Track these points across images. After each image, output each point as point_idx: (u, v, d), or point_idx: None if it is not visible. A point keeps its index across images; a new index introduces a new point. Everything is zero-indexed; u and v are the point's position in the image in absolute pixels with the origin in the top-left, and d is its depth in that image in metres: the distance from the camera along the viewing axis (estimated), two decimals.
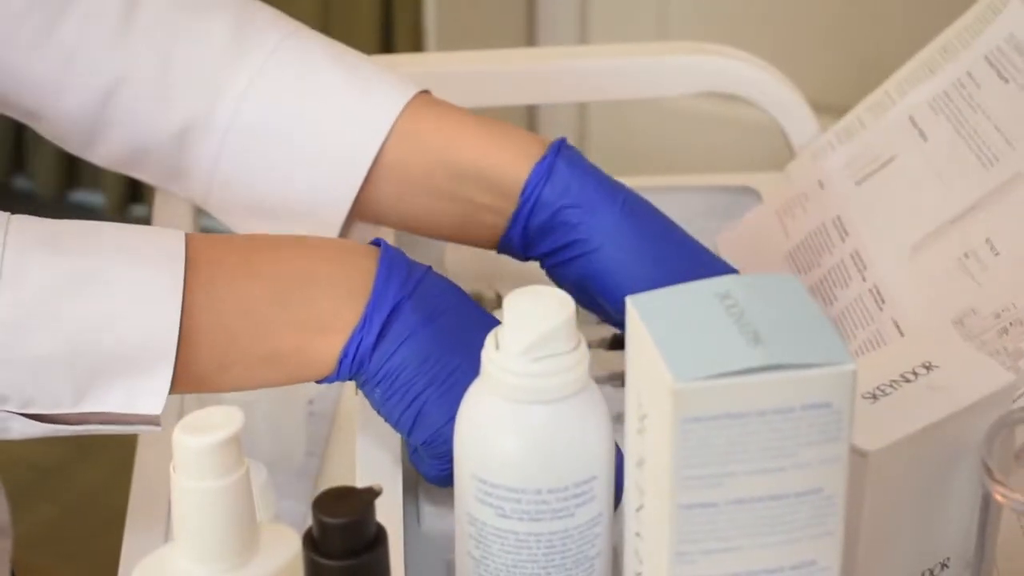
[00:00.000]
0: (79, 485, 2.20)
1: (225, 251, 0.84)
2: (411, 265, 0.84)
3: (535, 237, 0.92)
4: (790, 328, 0.65)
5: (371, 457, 0.86)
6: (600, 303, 0.92)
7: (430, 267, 0.85)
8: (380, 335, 0.82)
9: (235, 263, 0.83)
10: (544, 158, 0.92)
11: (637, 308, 0.66)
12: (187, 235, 0.83)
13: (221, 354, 0.82)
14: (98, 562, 1.31)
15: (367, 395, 0.84)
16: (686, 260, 0.92)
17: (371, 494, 0.69)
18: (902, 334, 0.96)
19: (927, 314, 0.95)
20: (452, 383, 0.81)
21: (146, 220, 1.06)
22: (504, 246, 0.94)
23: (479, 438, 0.72)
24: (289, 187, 0.94)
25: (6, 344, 0.79)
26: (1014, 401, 0.86)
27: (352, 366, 0.82)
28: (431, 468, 0.83)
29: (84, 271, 0.80)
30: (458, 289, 0.85)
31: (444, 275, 0.86)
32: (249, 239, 0.86)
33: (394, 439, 0.87)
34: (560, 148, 0.93)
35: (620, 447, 0.73)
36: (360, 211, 0.95)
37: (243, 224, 0.96)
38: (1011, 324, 0.90)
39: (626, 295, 0.68)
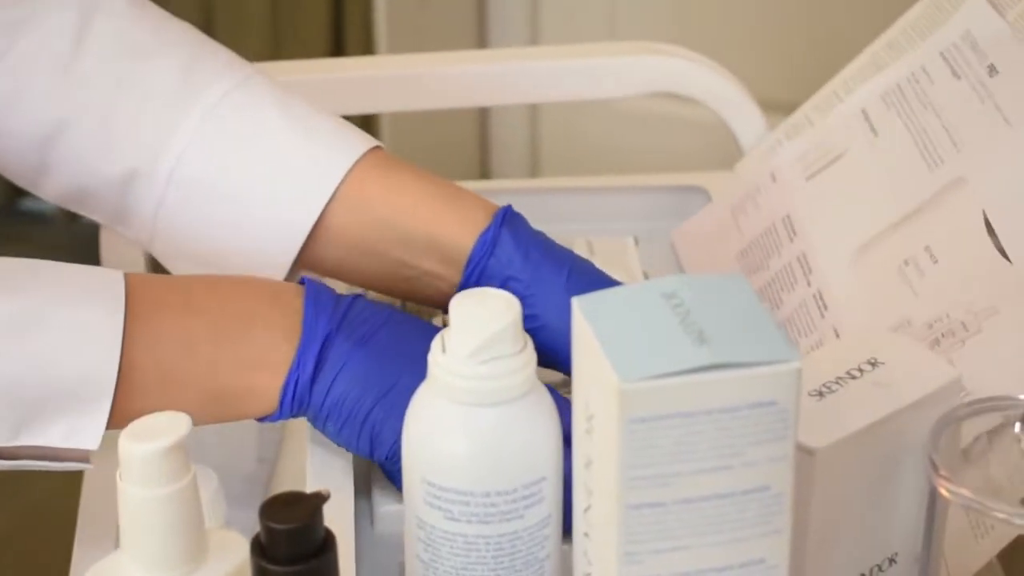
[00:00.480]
0: (30, 494, 2.18)
1: (163, 290, 0.84)
2: (337, 298, 0.85)
3: None
4: (735, 327, 0.65)
5: (322, 461, 0.86)
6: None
7: (358, 295, 0.86)
8: (316, 370, 0.83)
9: (173, 302, 0.84)
10: (488, 229, 0.91)
11: (582, 308, 0.66)
12: (125, 274, 0.83)
13: (160, 392, 0.82)
14: (49, 571, 1.30)
15: (322, 431, 0.85)
16: None
17: (319, 499, 0.69)
18: None
19: (864, 324, 0.95)
20: (395, 399, 0.82)
21: (95, 228, 1.05)
22: None
23: (427, 441, 0.72)
24: (229, 244, 0.93)
25: None
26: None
27: (293, 404, 0.83)
28: (399, 481, 0.84)
29: (22, 310, 0.80)
30: (389, 309, 0.86)
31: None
32: (187, 279, 0.87)
33: None
34: (505, 217, 0.91)
35: None
36: (305, 267, 0.94)
37: (186, 271, 0.95)
38: (943, 335, 0.90)
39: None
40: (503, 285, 0.89)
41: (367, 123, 2.45)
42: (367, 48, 2.42)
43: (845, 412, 0.75)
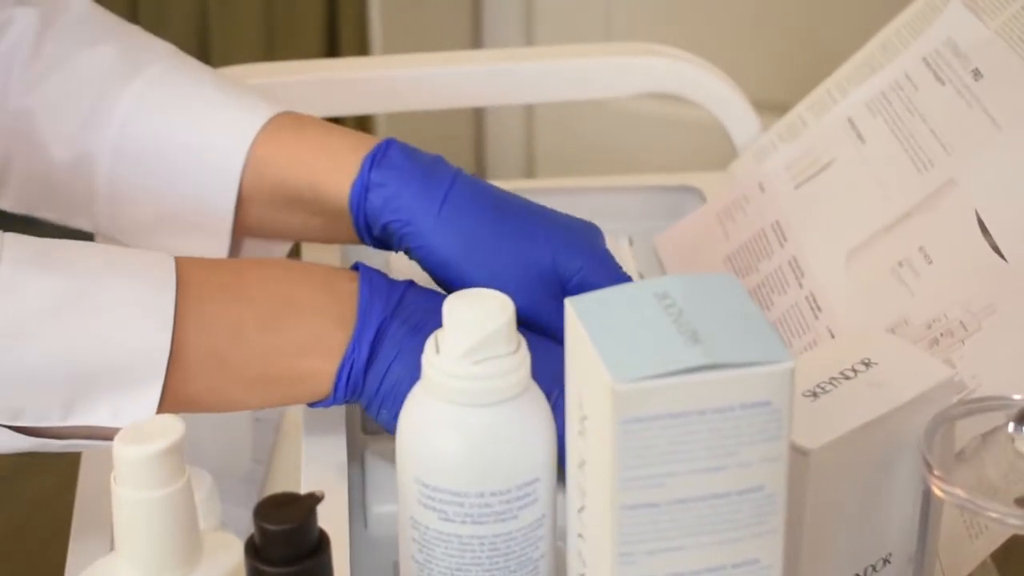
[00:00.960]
0: (26, 496, 2.18)
1: (213, 273, 0.85)
2: (391, 283, 0.86)
3: (382, 242, 0.93)
4: (728, 327, 0.65)
5: (317, 461, 0.86)
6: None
7: (411, 281, 0.87)
8: (371, 356, 0.84)
9: (223, 285, 0.85)
10: (360, 175, 0.91)
11: (575, 309, 0.66)
12: (175, 258, 0.84)
13: (210, 375, 0.83)
14: (45, 574, 1.30)
15: (376, 419, 0.86)
16: (513, 242, 0.90)
17: (313, 500, 0.69)
18: None
19: (861, 324, 0.95)
20: None
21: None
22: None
23: (421, 442, 0.72)
24: (174, 207, 0.96)
25: (1, 357, 0.80)
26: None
27: (347, 389, 0.84)
28: None
29: (77, 288, 0.81)
30: (442, 296, 0.86)
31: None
32: (236, 263, 0.89)
33: (339, 444, 0.87)
34: (375, 157, 0.92)
35: None
36: (242, 231, 0.97)
37: (146, 241, 0.98)
38: (941, 335, 0.90)
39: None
40: (385, 227, 0.90)
41: (362, 124, 2.45)
42: (362, 49, 2.42)
43: (839, 412, 0.75)
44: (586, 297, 0.67)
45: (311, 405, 0.86)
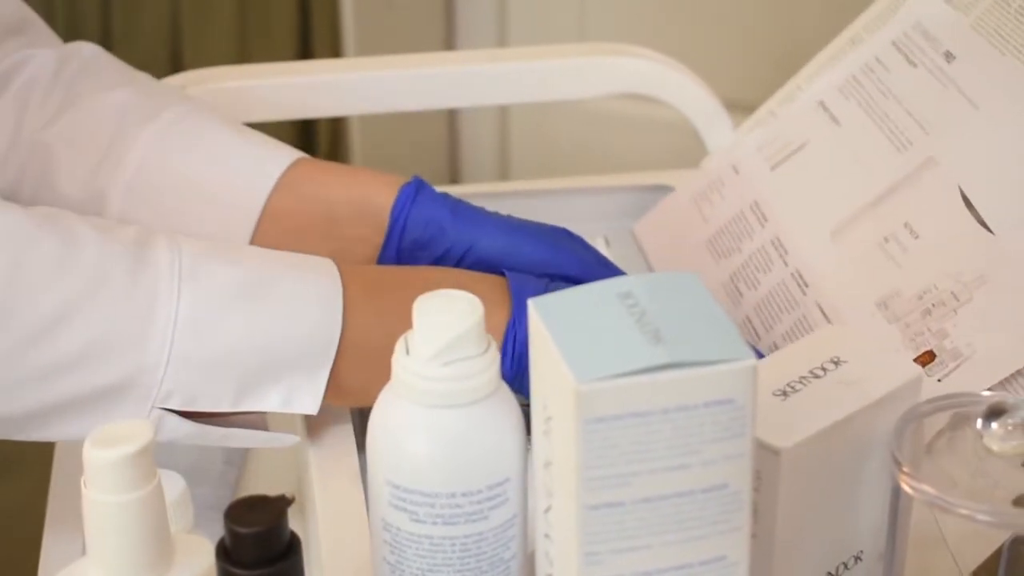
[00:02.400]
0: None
1: (370, 271, 0.90)
2: (537, 280, 0.91)
3: (410, 254, 0.97)
4: (691, 326, 0.65)
5: (329, 474, 0.87)
6: None
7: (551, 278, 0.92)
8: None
9: (382, 280, 0.89)
10: (409, 184, 0.97)
11: (538, 310, 0.66)
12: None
13: (377, 364, 0.83)
14: None
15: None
16: (551, 232, 0.97)
17: (283, 502, 0.69)
18: (827, 317, 0.97)
19: (850, 297, 0.96)
20: None
21: None
22: None
23: (391, 444, 0.72)
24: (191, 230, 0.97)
25: (185, 342, 0.82)
26: (939, 380, 0.88)
27: (513, 363, 0.88)
28: None
29: (256, 279, 0.85)
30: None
31: None
32: (385, 267, 0.93)
33: (351, 453, 0.88)
34: (421, 182, 0.97)
35: None
36: None
37: None
38: (933, 305, 0.92)
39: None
40: (427, 226, 0.96)
41: (336, 126, 2.45)
42: (335, 50, 2.42)
43: (810, 411, 0.75)
44: (549, 297, 0.67)
45: None
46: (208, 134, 0.99)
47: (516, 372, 0.89)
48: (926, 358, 0.91)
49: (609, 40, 1.25)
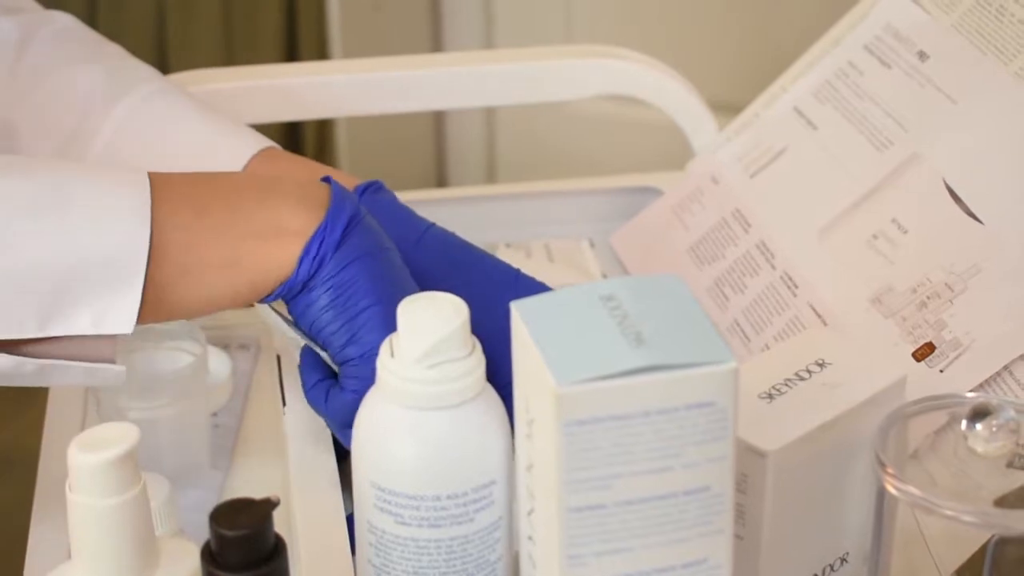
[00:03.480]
0: None
1: (183, 176, 0.84)
2: (355, 199, 0.86)
3: None
4: (673, 329, 0.65)
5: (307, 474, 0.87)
6: None
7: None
8: (340, 242, 0.83)
9: (192, 181, 0.84)
10: (368, 183, 0.94)
11: (520, 312, 0.66)
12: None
13: (181, 265, 0.81)
14: None
15: (303, 304, 0.84)
16: (480, 283, 0.92)
17: (269, 505, 0.69)
18: (820, 316, 0.97)
19: (843, 296, 0.97)
20: (394, 312, 0.79)
21: None
22: None
23: (376, 446, 0.73)
24: None
25: None
26: (942, 371, 0.88)
27: (313, 264, 0.83)
28: (344, 393, 0.84)
29: (44, 188, 0.79)
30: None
31: None
32: (202, 173, 0.87)
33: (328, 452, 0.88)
34: (366, 188, 0.94)
35: None
36: None
37: None
38: (928, 297, 0.92)
39: None
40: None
41: (322, 128, 2.45)
42: (321, 52, 2.42)
43: (795, 414, 0.76)
44: (531, 300, 0.67)
45: (262, 300, 0.84)
46: (175, 121, 0.98)
47: (312, 273, 0.84)
48: (926, 350, 0.91)
49: (596, 42, 1.25)
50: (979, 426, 0.74)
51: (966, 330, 0.89)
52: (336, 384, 0.85)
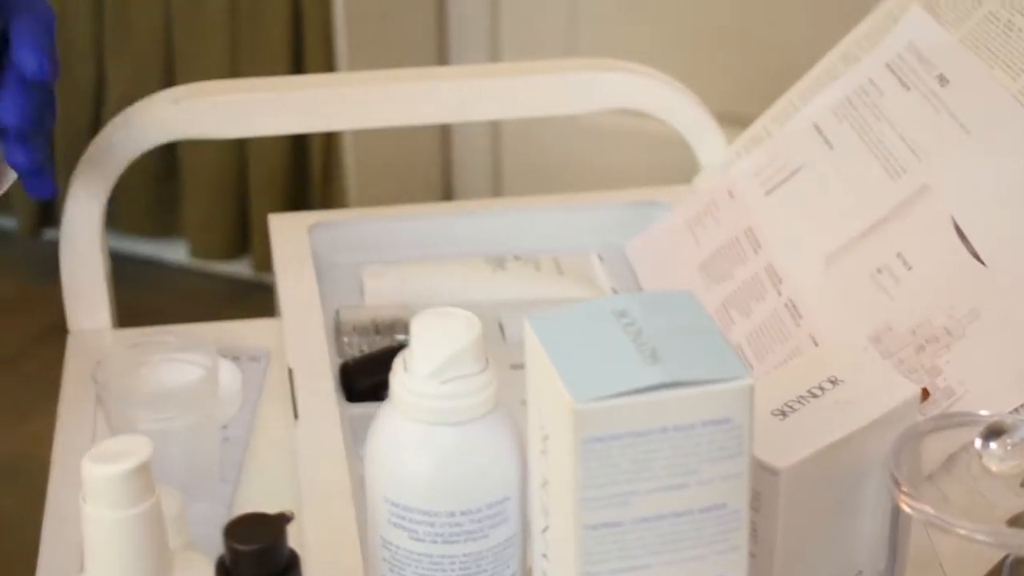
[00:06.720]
0: None
1: None
2: None
3: None
4: (687, 345, 0.65)
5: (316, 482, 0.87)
6: None
7: None
8: None
9: None
10: None
11: (534, 327, 0.66)
12: None
13: None
14: None
15: None
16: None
17: (283, 520, 0.69)
18: None
19: (843, 331, 0.96)
20: None
21: (56, 244, 1.07)
22: None
23: (390, 461, 0.72)
24: None
25: None
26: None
27: None
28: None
29: None
30: None
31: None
32: None
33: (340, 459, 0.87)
34: None
35: None
36: None
37: None
38: (927, 341, 0.91)
39: None
40: None
41: (329, 141, 2.45)
42: (327, 65, 2.42)
43: (808, 431, 0.76)
44: (545, 315, 0.67)
45: None
46: None
47: None
48: (922, 396, 0.90)
49: (601, 55, 1.25)
50: (994, 445, 0.74)
51: (960, 379, 0.89)
52: None
